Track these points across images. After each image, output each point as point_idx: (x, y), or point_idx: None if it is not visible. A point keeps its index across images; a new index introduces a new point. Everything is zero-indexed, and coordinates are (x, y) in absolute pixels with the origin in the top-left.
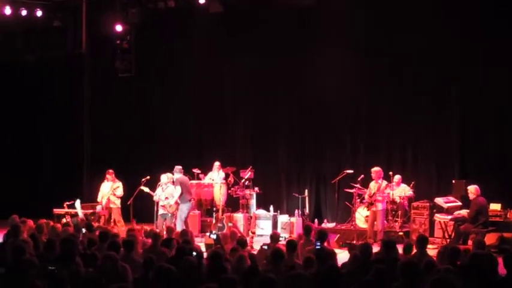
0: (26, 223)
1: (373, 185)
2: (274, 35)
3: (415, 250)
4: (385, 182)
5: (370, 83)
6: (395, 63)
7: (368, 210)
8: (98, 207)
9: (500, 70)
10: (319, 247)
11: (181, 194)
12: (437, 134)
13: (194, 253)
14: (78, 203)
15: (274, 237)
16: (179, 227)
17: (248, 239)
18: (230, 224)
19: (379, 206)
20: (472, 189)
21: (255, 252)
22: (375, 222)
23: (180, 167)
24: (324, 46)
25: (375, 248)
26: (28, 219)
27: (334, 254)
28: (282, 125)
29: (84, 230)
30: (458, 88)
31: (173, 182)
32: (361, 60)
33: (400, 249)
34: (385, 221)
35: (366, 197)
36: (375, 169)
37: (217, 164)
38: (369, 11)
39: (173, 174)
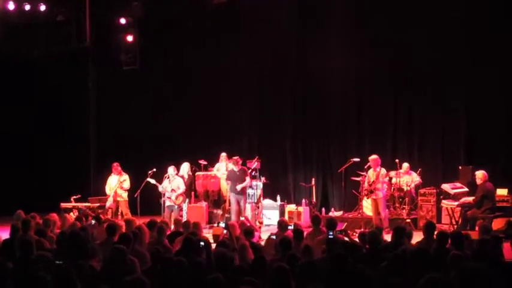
0: (35, 218)
1: (371, 173)
2: (278, 24)
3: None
4: (383, 170)
5: (376, 71)
6: (401, 50)
7: (368, 198)
8: (109, 201)
9: (508, 57)
10: (332, 236)
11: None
12: (443, 120)
13: (202, 243)
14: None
15: (282, 224)
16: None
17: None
18: (242, 218)
19: (380, 194)
20: (480, 175)
21: (263, 243)
22: (379, 211)
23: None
24: (328, 35)
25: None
26: (37, 214)
27: (345, 243)
28: (288, 114)
29: (93, 222)
30: (464, 74)
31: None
32: (367, 48)
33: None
34: (392, 208)
35: (366, 185)
36: (372, 157)
37: (223, 155)
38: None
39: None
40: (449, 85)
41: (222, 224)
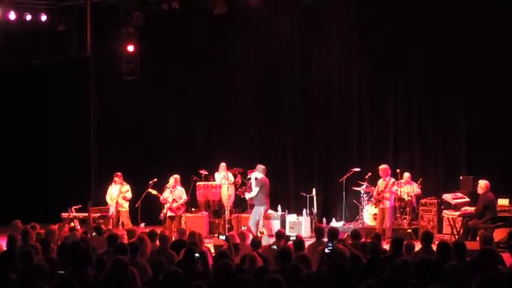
0: (36, 228)
1: (381, 183)
2: (278, 34)
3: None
4: (392, 179)
5: (376, 81)
6: (401, 58)
7: (376, 207)
8: (111, 210)
9: (507, 66)
10: (331, 247)
11: (257, 195)
12: (444, 130)
13: (197, 254)
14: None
15: (280, 234)
16: (253, 229)
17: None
18: (244, 228)
19: (387, 204)
20: (482, 184)
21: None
22: (384, 220)
23: (263, 166)
24: (329, 45)
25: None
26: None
27: (345, 254)
28: (288, 124)
29: (94, 233)
30: (465, 83)
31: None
32: (368, 58)
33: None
34: (393, 218)
35: (374, 194)
36: (382, 167)
37: (223, 165)
38: (371, 10)
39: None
40: (450, 94)
41: (222, 237)
